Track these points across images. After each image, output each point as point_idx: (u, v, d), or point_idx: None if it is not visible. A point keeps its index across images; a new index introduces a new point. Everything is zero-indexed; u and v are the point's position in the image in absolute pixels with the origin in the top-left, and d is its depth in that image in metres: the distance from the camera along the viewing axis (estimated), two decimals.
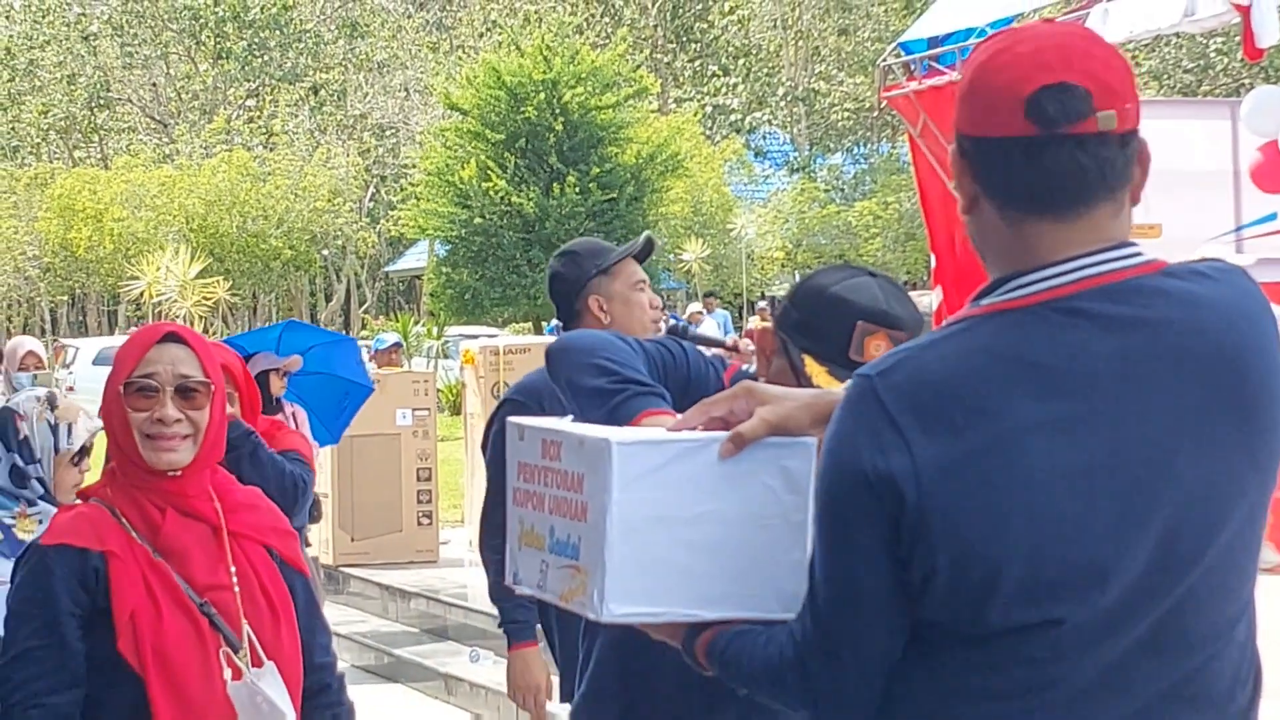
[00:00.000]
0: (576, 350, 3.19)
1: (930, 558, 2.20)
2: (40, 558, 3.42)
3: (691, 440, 2.49)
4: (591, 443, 2.48)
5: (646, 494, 2.43)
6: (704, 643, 2.51)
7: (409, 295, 59.15)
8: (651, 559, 2.43)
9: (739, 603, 2.49)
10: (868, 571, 2.24)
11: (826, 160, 54.21)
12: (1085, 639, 2.22)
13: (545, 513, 2.58)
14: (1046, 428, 2.18)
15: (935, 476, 2.18)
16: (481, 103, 38.75)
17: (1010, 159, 2.24)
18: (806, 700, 2.37)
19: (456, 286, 39.25)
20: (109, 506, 3.49)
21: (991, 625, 2.22)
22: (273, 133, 54.33)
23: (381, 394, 13.38)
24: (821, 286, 3.11)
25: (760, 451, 2.48)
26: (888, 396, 2.22)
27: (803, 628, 2.34)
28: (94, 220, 46.74)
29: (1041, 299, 2.24)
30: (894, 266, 44.01)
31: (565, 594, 2.53)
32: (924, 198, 17.34)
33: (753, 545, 2.48)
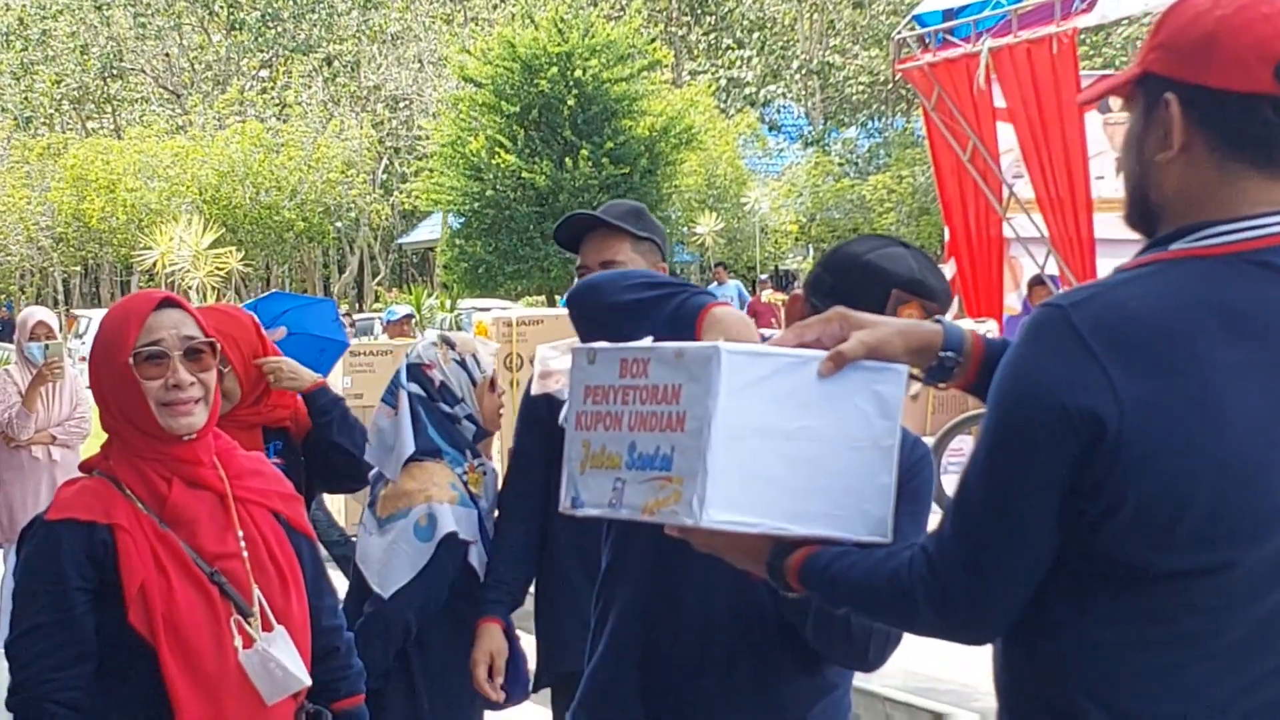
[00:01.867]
0: (610, 283, 3.23)
1: (1120, 490, 2.22)
2: (47, 532, 3.40)
3: (795, 355, 2.52)
4: (693, 351, 2.51)
5: (750, 403, 2.46)
6: (798, 560, 2.53)
7: (422, 268, 59.19)
8: (752, 469, 2.46)
9: (828, 521, 2.52)
10: (1037, 496, 2.27)
11: (841, 134, 54.18)
12: (1250, 588, 2.26)
13: (623, 430, 2.60)
14: (1241, 373, 2.22)
15: (1137, 411, 2.20)
16: (495, 75, 38.74)
17: (1251, 114, 2.28)
18: (935, 614, 2.38)
19: (469, 259, 39.28)
20: (112, 479, 3.48)
21: (1165, 566, 2.25)
22: (286, 104, 54.35)
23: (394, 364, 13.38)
24: (856, 254, 3.12)
25: (855, 374, 2.52)
26: (1085, 327, 2.23)
27: (941, 544, 2.36)
28: (107, 190, 46.82)
29: (1236, 249, 2.28)
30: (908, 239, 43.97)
31: (650, 505, 2.54)
32: (938, 171, 17.31)
33: (844, 465, 2.51)
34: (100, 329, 3.56)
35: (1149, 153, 2.37)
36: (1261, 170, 2.30)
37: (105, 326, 3.55)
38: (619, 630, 3.39)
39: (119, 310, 3.58)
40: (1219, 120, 2.30)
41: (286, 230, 47.26)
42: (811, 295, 3.15)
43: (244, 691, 3.47)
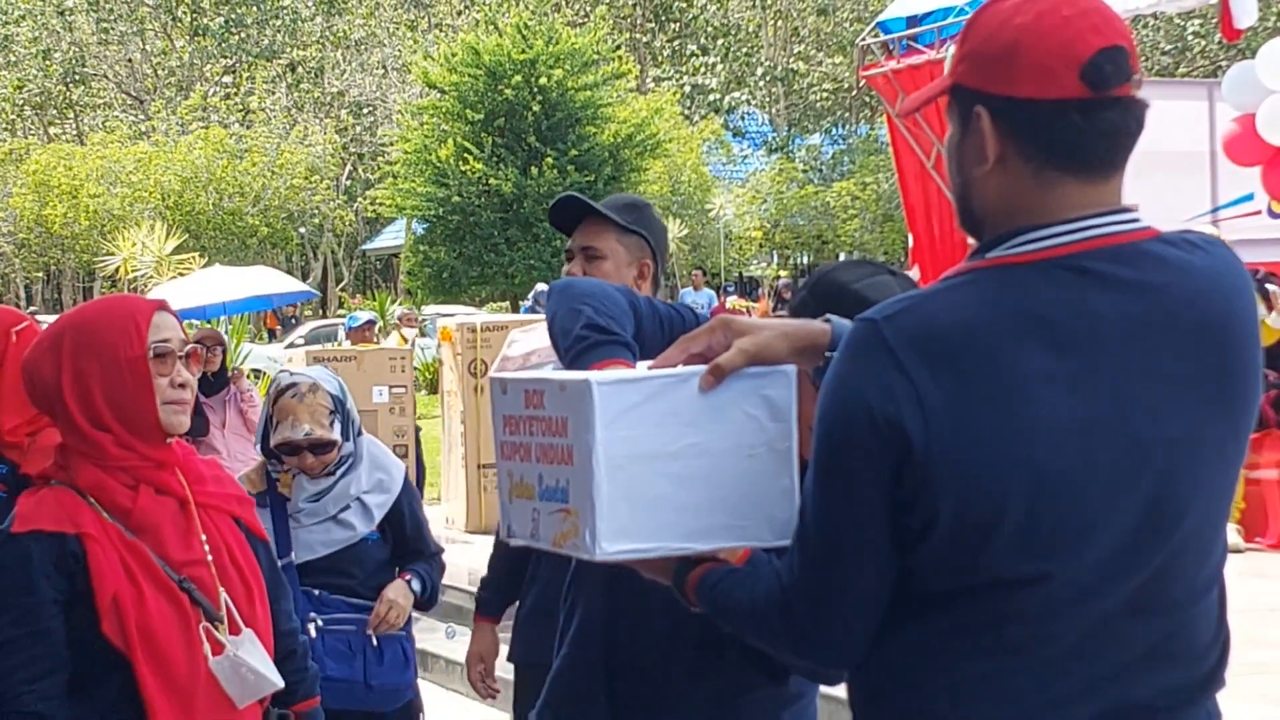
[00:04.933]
0: (569, 293, 3.27)
1: (933, 501, 2.21)
2: (14, 545, 3.37)
3: (671, 375, 2.50)
4: (572, 385, 2.49)
5: (630, 431, 2.44)
6: (694, 579, 2.52)
7: (386, 274, 59.10)
8: (640, 495, 2.44)
9: (731, 533, 2.50)
10: (864, 515, 2.26)
11: (805, 140, 54.30)
12: (1073, 596, 2.24)
13: (533, 462, 2.59)
14: (1051, 381, 2.20)
15: (942, 421, 2.19)
16: (459, 82, 38.69)
17: (1062, 120, 2.26)
18: (791, 642, 2.38)
19: (434, 265, 39.22)
20: (73, 487, 3.45)
21: (985, 577, 2.24)
22: (249, 110, 54.19)
23: (358, 370, 13.39)
24: (842, 283, 3.09)
25: (740, 382, 2.49)
26: (894, 340, 2.22)
27: (790, 570, 2.35)
28: (69, 196, 46.60)
29: (1049, 255, 2.26)
30: (871, 246, 44.10)
31: (557, 538, 2.53)
32: (902, 178, 17.38)
33: (740, 475, 2.49)
34: (89, 328, 3.51)
35: (967, 165, 2.36)
36: (1077, 175, 2.28)
37: (100, 325, 3.51)
38: (583, 632, 3.40)
39: (118, 309, 3.55)
40: (1030, 130, 2.28)
41: (250, 236, 47.10)
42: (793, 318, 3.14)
43: (214, 698, 3.47)
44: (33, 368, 3.49)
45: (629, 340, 3.14)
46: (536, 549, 2.65)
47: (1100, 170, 2.29)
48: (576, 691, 3.42)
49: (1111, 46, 2.25)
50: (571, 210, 4.57)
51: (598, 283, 3.34)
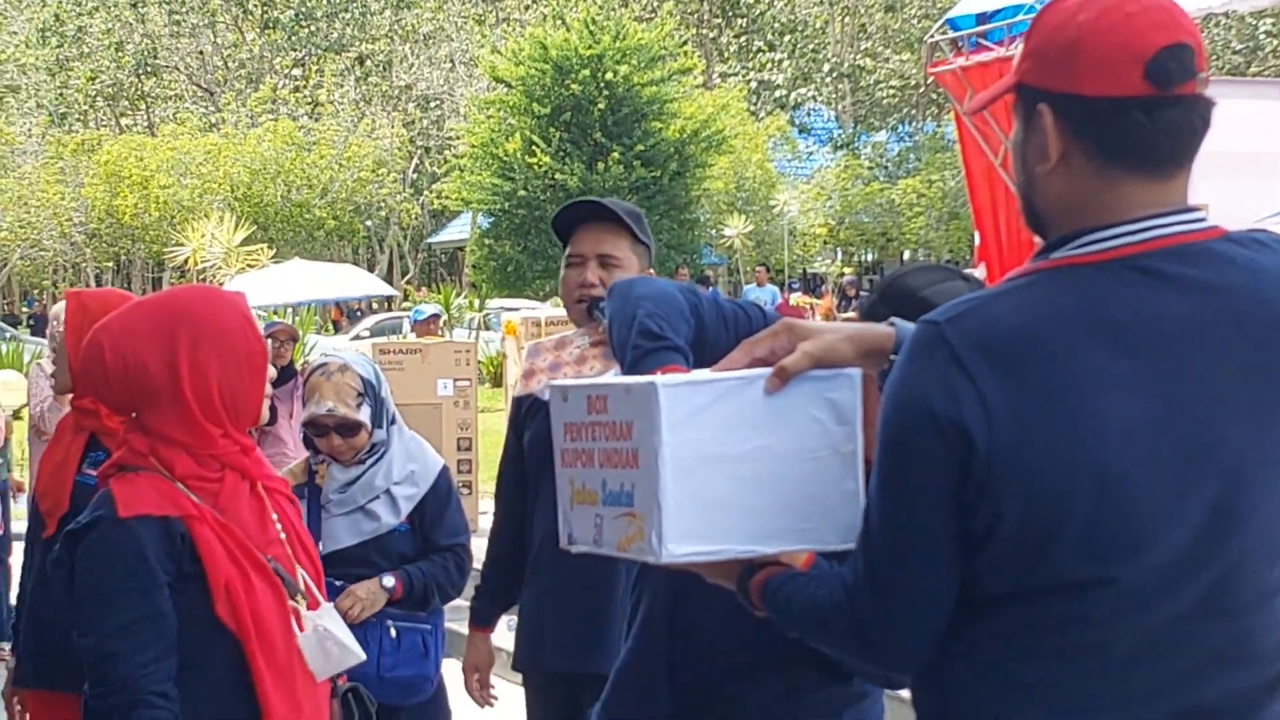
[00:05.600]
0: (627, 297, 3.26)
1: (996, 506, 2.20)
2: (122, 531, 3.40)
3: (736, 378, 2.50)
4: (637, 389, 2.50)
5: (695, 434, 2.44)
6: (758, 583, 2.52)
7: (451, 267, 59.23)
8: (706, 498, 2.45)
9: (795, 536, 2.50)
10: (928, 518, 2.25)
11: (871, 137, 54.08)
12: (1138, 601, 2.23)
13: (595, 467, 2.60)
14: (1116, 383, 2.19)
15: (1007, 424, 2.18)
16: (527, 76, 38.80)
17: (1126, 118, 2.25)
18: (855, 646, 2.38)
19: (499, 259, 39.35)
20: (165, 473, 3.50)
21: (1047, 581, 2.23)
22: (318, 102, 54.44)
23: (423, 363, 13.41)
24: (913, 288, 3.08)
25: (805, 385, 2.49)
26: (958, 342, 2.22)
27: (854, 573, 2.35)
28: (140, 187, 46.92)
29: (1115, 255, 2.25)
30: (936, 244, 43.94)
31: (622, 542, 2.54)
32: (969, 175, 17.30)
33: (805, 478, 2.49)
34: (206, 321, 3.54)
35: (1030, 163, 2.35)
36: (1140, 173, 2.27)
37: (217, 319, 3.55)
38: (647, 628, 3.39)
39: (226, 303, 3.60)
40: (1093, 128, 2.27)
41: (317, 228, 47.32)
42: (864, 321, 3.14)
43: (305, 673, 3.55)
44: (131, 357, 3.50)
45: (680, 344, 3.13)
46: (600, 555, 2.66)
47: (1164, 169, 2.28)
48: (639, 688, 3.41)
49: (1176, 44, 2.23)
50: (588, 211, 4.57)
51: (655, 283, 3.33)
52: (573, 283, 4.56)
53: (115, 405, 3.64)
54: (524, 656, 4.76)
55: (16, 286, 59.82)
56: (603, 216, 4.56)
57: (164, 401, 3.50)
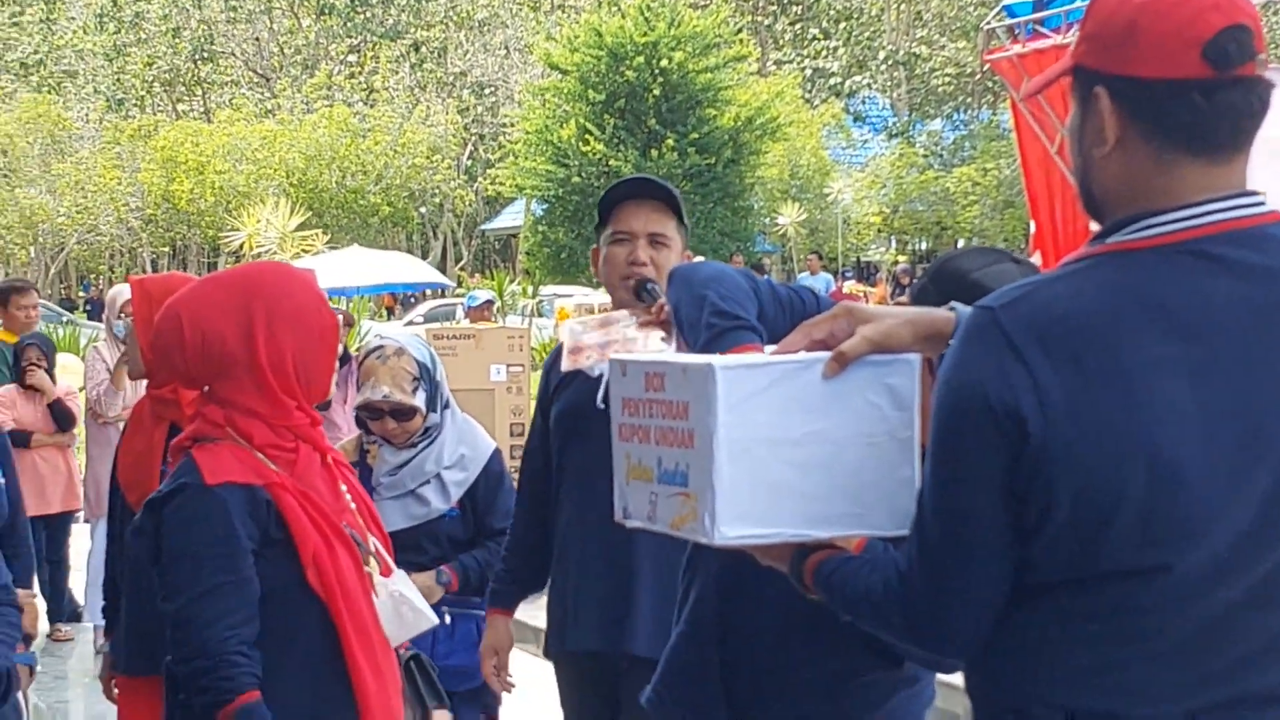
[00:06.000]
0: (692, 280, 3.25)
1: (1049, 492, 2.19)
2: (209, 497, 3.46)
3: (794, 361, 2.49)
4: (694, 370, 2.49)
5: (752, 416, 2.44)
6: (811, 566, 2.52)
7: (504, 254, 59.33)
8: (761, 481, 2.44)
9: (850, 521, 2.49)
10: (982, 504, 2.24)
11: (926, 125, 53.81)
12: (1192, 588, 2.22)
13: (651, 444, 2.60)
14: (1171, 369, 2.17)
15: (1060, 410, 2.17)
16: (581, 63, 38.82)
17: (1183, 100, 2.23)
18: (908, 631, 2.38)
19: (552, 245, 39.40)
20: (244, 443, 3.55)
21: (1101, 568, 2.22)
22: (373, 89, 54.61)
23: (476, 349, 13.46)
24: (964, 271, 3.06)
25: (863, 370, 2.48)
26: (1011, 328, 2.20)
27: (908, 559, 2.35)
28: (196, 173, 47.20)
29: (1172, 240, 2.23)
30: (991, 233, 43.73)
31: (675, 521, 2.54)
32: (1025, 163, 17.18)
33: (861, 463, 2.48)
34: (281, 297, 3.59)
35: (1087, 147, 2.33)
36: (1198, 157, 2.24)
37: (292, 294, 3.60)
38: (699, 609, 3.39)
39: (299, 280, 3.65)
40: (1150, 110, 2.25)
41: (371, 215, 47.51)
42: (914, 304, 3.12)
43: (383, 639, 3.62)
44: (209, 329, 3.54)
45: (756, 324, 3.14)
46: (653, 532, 2.66)
47: (1222, 152, 2.26)
48: (690, 670, 3.41)
49: (1234, 25, 2.21)
50: (632, 192, 4.56)
51: (720, 267, 3.33)
52: (621, 260, 4.53)
53: (189, 377, 3.68)
54: (552, 638, 4.75)
55: (74, 271, 60.26)
56: (652, 195, 4.57)
57: (240, 373, 3.55)
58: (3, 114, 50.88)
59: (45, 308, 22.36)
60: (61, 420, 9.89)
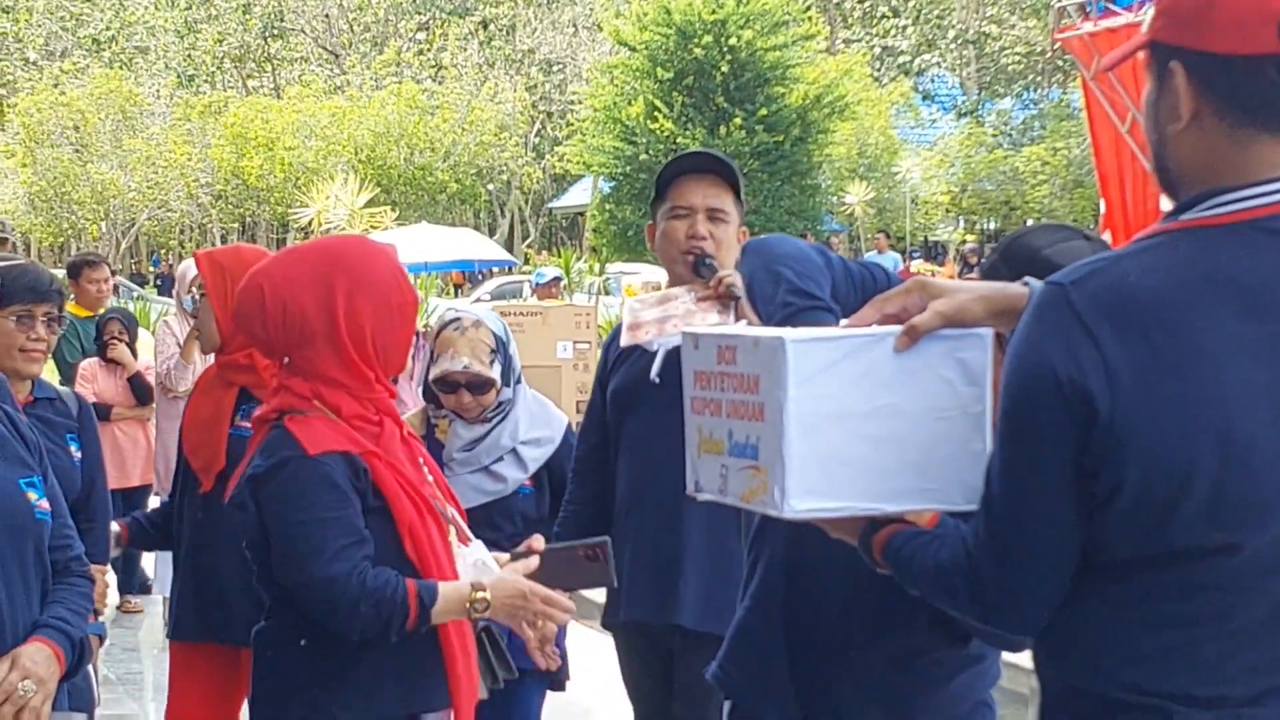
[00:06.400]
0: (768, 254, 3.25)
1: (1119, 469, 2.18)
2: (315, 466, 3.50)
3: (865, 335, 2.49)
4: (765, 343, 2.50)
5: (822, 390, 2.44)
6: (881, 540, 2.53)
7: (572, 231, 59.38)
8: (831, 454, 2.45)
9: (920, 495, 2.50)
10: (1049, 481, 2.23)
11: (995, 105, 53.52)
12: (1261, 568, 2.20)
13: (723, 417, 2.61)
14: (1242, 348, 2.16)
15: (1130, 387, 2.16)
16: (650, 40, 38.77)
17: (1259, 76, 2.21)
18: (975, 607, 2.38)
19: (619, 223, 39.40)
20: (332, 415, 3.59)
21: (1171, 546, 2.21)
22: (442, 66, 54.72)
23: (544, 325, 13.49)
24: (1035, 248, 3.04)
25: (935, 344, 2.48)
26: (1081, 304, 2.19)
27: (975, 535, 2.34)
28: (265, 149, 47.45)
29: (1246, 217, 2.22)
30: (1060, 213, 43.45)
31: (746, 494, 2.55)
32: (1095, 143, 17.09)
33: (932, 438, 2.48)
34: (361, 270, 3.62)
35: (1162, 123, 2.31)
36: (1274, 133, 2.22)
37: (372, 268, 3.63)
38: (764, 585, 3.39)
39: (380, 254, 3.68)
40: (1225, 86, 2.22)
41: (439, 192, 47.64)
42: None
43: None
44: (290, 300, 3.58)
45: (831, 304, 3.13)
46: (724, 505, 2.67)
47: None
48: (755, 646, 3.41)
49: None
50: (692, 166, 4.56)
51: (794, 243, 3.33)
52: (680, 234, 4.54)
53: (270, 348, 3.71)
54: (608, 609, 4.78)
55: (144, 246, 60.74)
56: (710, 169, 4.56)
57: (320, 343, 3.58)
58: (75, 89, 51.29)
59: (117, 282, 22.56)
60: (141, 394, 9.95)
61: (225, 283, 4.85)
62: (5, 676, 3.16)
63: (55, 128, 49.60)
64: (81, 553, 3.52)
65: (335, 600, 3.44)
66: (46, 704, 3.22)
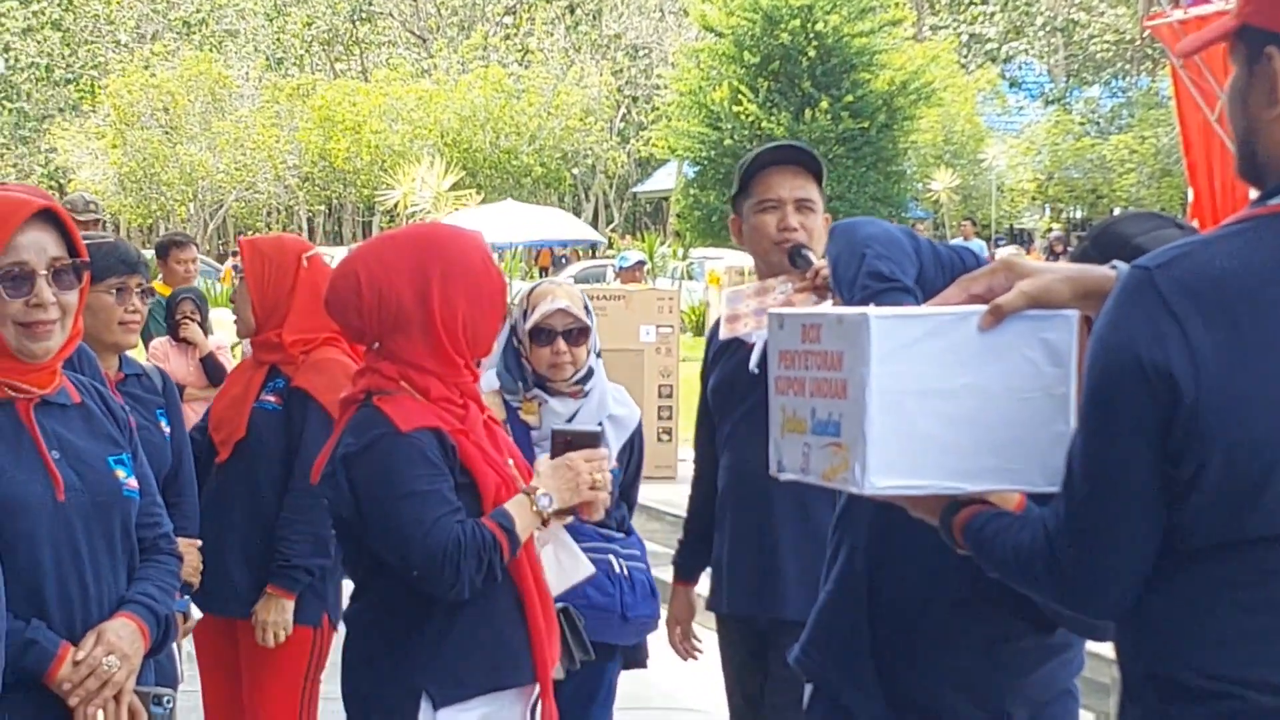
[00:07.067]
0: (853, 236, 3.24)
1: (1202, 454, 2.17)
2: (409, 442, 3.55)
3: (949, 313, 2.49)
4: (849, 319, 2.50)
5: (905, 367, 2.45)
6: (962, 520, 2.53)
7: (656, 216, 59.38)
8: (912, 432, 2.45)
9: (1001, 476, 2.49)
10: (1132, 464, 2.23)
11: (1083, 92, 53.11)
12: None
13: (806, 396, 2.62)
14: None
15: (1214, 371, 2.15)
16: (736, 25, 38.68)
17: None
18: (1055, 590, 2.38)
19: (704, 208, 39.36)
20: (419, 397, 3.63)
21: (1251, 534, 2.20)
22: (528, 50, 54.79)
23: (626, 310, 13.50)
24: (1127, 235, 3.01)
25: (1020, 324, 2.47)
26: (1167, 288, 2.19)
27: (1056, 517, 2.34)
28: (352, 132, 47.68)
29: None
30: (1148, 202, 43.08)
31: (827, 472, 2.56)
32: (1184, 130, 16.90)
33: (1014, 418, 2.47)
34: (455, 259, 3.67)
35: (1254, 108, 2.28)
36: None
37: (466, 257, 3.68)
38: (847, 569, 3.39)
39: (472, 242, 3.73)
40: None
41: (525, 175, 47.70)
42: None
43: (545, 588, 3.72)
44: (386, 288, 3.62)
45: (910, 286, 3.12)
46: (807, 483, 2.68)
47: None
48: (838, 631, 3.39)
49: None
50: (780, 158, 4.56)
51: (880, 224, 3.32)
52: (772, 226, 4.55)
53: (361, 333, 3.75)
54: (711, 599, 4.80)
55: (232, 228, 61.16)
56: (796, 160, 4.57)
57: (414, 330, 3.62)
58: (165, 72, 51.71)
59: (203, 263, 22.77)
60: (213, 374, 9.96)
61: (264, 269, 5.00)
62: (90, 651, 3.18)
63: (145, 110, 50.05)
64: (170, 530, 3.57)
65: (441, 567, 3.48)
66: (131, 679, 3.25)
